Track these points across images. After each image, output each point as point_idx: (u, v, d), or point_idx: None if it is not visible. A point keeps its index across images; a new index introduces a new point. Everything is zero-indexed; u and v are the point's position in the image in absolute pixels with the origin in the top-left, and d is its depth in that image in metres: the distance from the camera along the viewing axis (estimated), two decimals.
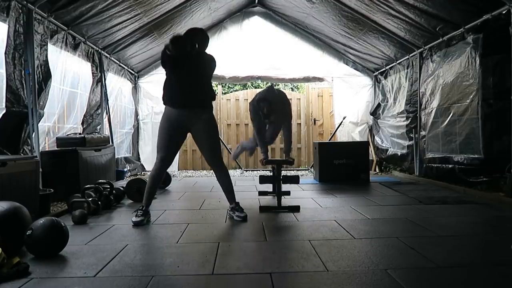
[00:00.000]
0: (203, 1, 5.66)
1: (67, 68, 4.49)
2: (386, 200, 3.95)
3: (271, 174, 3.99)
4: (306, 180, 5.70)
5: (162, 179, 3.33)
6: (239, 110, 8.09)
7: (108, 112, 5.62)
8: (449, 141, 4.87)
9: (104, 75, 5.51)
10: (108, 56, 5.59)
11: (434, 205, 3.63)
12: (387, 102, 6.72)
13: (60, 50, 4.31)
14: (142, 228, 2.90)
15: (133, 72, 6.90)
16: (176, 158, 6.38)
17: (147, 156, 7.04)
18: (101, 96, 5.44)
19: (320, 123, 8.20)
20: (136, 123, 7.09)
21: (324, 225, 2.90)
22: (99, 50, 5.29)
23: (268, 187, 4.32)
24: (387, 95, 6.74)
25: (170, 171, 5.67)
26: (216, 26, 6.98)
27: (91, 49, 5.05)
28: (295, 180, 3.71)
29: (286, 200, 3.87)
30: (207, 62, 3.16)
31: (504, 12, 3.81)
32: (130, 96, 6.91)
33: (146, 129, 7.16)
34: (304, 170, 7.52)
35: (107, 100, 5.61)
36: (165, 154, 3.11)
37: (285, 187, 3.84)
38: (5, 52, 3.29)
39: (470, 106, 4.40)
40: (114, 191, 3.83)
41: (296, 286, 1.76)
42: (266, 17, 7.11)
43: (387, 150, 6.73)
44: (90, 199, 3.40)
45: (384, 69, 6.80)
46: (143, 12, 4.93)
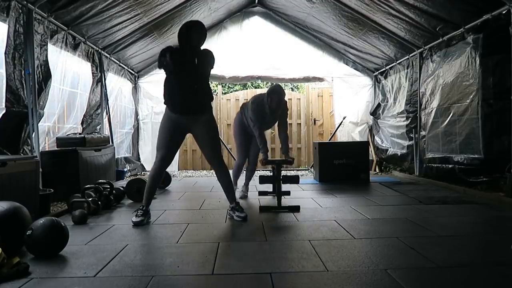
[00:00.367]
0: (203, 1, 5.66)
1: (67, 68, 4.49)
2: (386, 200, 3.95)
3: (271, 174, 3.99)
4: (306, 180, 5.70)
5: (162, 178, 3.33)
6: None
7: (108, 112, 5.62)
8: (449, 141, 4.87)
9: (104, 75, 5.51)
10: (108, 56, 5.59)
11: (434, 205, 3.63)
12: (387, 102, 6.72)
13: (60, 50, 4.31)
14: (142, 228, 2.90)
15: (133, 72, 6.90)
16: (176, 158, 6.40)
17: (147, 156, 7.05)
18: (101, 96, 5.44)
19: (320, 123, 8.20)
20: (136, 123, 7.09)
21: (324, 225, 2.90)
22: (99, 50, 5.29)
23: (268, 187, 4.33)
24: (387, 95, 6.74)
25: (170, 171, 5.68)
26: (216, 26, 6.97)
27: (91, 49, 5.05)
28: (295, 180, 3.71)
29: (286, 200, 3.88)
30: (205, 59, 3.08)
31: (504, 12, 3.81)
32: (130, 96, 6.91)
33: (146, 129, 7.17)
34: (304, 170, 7.53)
35: (107, 100, 5.61)
36: (165, 153, 3.10)
37: (285, 187, 3.84)
38: (5, 52, 3.29)
39: (470, 106, 4.40)
40: (114, 191, 3.83)
41: (296, 286, 1.76)
42: (266, 17, 7.11)
43: (387, 150, 6.73)
44: (90, 199, 3.40)
45: (384, 69, 6.80)
46: (143, 12, 4.93)
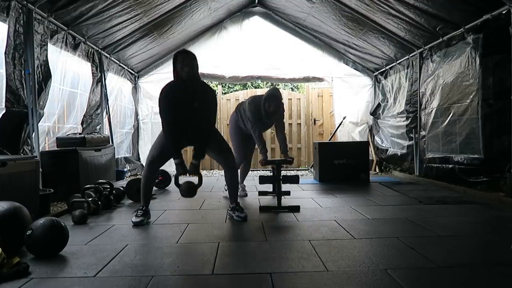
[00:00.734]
0: (203, 1, 5.66)
1: (67, 68, 4.49)
2: (386, 200, 3.95)
3: (271, 174, 3.99)
4: (306, 180, 5.70)
5: (155, 178, 3.39)
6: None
7: (108, 112, 5.62)
8: (449, 141, 4.87)
9: (104, 75, 5.51)
10: (108, 56, 5.59)
11: (434, 205, 3.63)
12: (387, 102, 6.72)
13: (60, 50, 4.31)
14: (142, 228, 2.90)
15: (133, 72, 6.90)
16: None
17: (147, 156, 7.03)
18: (101, 96, 5.44)
19: (320, 123, 8.20)
20: (136, 123, 7.09)
21: (324, 225, 2.90)
22: (99, 50, 5.29)
23: (268, 187, 4.33)
24: (387, 95, 6.74)
25: (170, 171, 5.67)
26: (216, 26, 6.98)
27: (91, 49, 5.05)
28: (295, 180, 3.71)
29: (286, 200, 3.88)
30: (207, 97, 3.04)
31: (504, 12, 3.81)
32: (130, 96, 6.91)
33: (146, 129, 7.16)
34: (304, 170, 7.52)
35: (107, 100, 5.61)
36: (158, 161, 3.21)
37: (285, 187, 3.84)
38: (5, 52, 3.29)
39: (470, 106, 4.40)
40: (114, 191, 3.83)
41: (296, 286, 1.76)
42: (266, 17, 7.11)
43: (387, 150, 6.73)
44: (90, 199, 3.40)
45: (384, 69, 6.80)
46: (143, 12, 4.93)
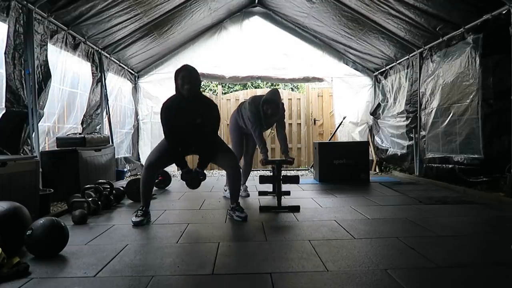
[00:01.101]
0: (203, 1, 5.66)
1: (67, 68, 4.49)
2: (386, 200, 3.95)
3: (271, 174, 3.99)
4: (306, 180, 5.70)
5: (153, 180, 3.38)
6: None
7: (108, 112, 5.62)
8: (449, 141, 4.87)
9: (104, 75, 5.51)
10: (108, 56, 5.59)
11: (434, 205, 3.63)
12: (387, 102, 6.72)
13: (60, 50, 4.31)
14: (142, 228, 2.90)
15: (133, 72, 6.90)
16: None
17: (147, 156, 7.03)
18: (101, 96, 5.44)
19: (320, 123, 8.20)
20: (136, 123, 7.08)
21: (324, 225, 2.90)
22: (99, 50, 5.29)
23: (268, 187, 4.33)
24: (387, 95, 6.74)
25: (170, 171, 5.68)
26: (216, 26, 6.98)
27: (91, 49, 5.05)
28: (295, 180, 3.71)
29: (286, 200, 3.88)
30: (209, 113, 3.09)
31: (504, 12, 3.81)
32: (130, 96, 6.90)
33: (145, 129, 7.15)
34: (304, 170, 7.52)
35: (107, 100, 5.61)
36: (155, 165, 3.20)
37: (285, 187, 3.85)
38: (5, 52, 3.29)
39: (470, 106, 4.40)
40: (114, 191, 3.83)
41: (296, 286, 1.76)
42: (266, 17, 7.11)
43: (387, 150, 6.73)
44: (90, 199, 3.40)
45: (384, 69, 6.80)
46: (143, 12, 4.93)
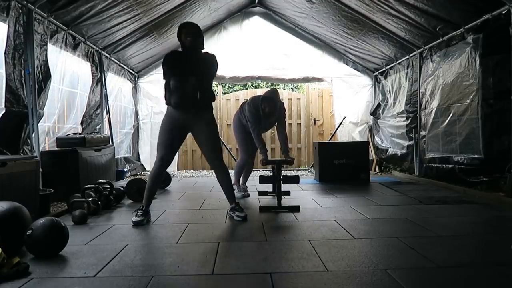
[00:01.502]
0: (203, 1, 5.66)
1: (67, 68, 4.49)
2: (386, 200, 3.95)
3: (271, 174, 3.99)
4: (306, 180, 5.70)
5: (162, 178, 3.33)
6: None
7: (108, 112, 5.62)
8: (449, 141, 4.87)
9: (104, 75, 5.51)
10: (108, 56, 5.59)
11: (434, 205, 3.63)
12: (387, 102, 6.72)
13: (60, 50, 4.31)
14: (142, 228, 2.90)
15: (133, 72, 6.90)
16: (176, 158, 6.40)
17: (147, 156, 7.05)
18: (101, 96, 5.44)
19: (320, 123, 8.20)
20: (136, 123, 7.09)
21: (324, 225, 2.90)
22: (99, 50, 5.29)
23: (268, 187, 4.33)
24: (387, 95, 6.74)
25: (170, 171, 5.68)
26: (216, 26, 6.99)
27: (91, 49, 5.05)
28: (295, 180, 3.71)
29: (286, 200, 3.88)
30: (208, 62, 3.10)
31: (504, 12, 3.81)
32: (130, 96, 6.91)
33: (145, 129, 7.17)
34: (304, 170, 7.52)
35: (107, 100, 5.61)
36: (165, 153, 3.10)
37: (285, 187, 3.84)
38: (5, 52, 3.29)
39: (470, 106, 4.40)
40: (114, 191, 3.83)
41: (296, 286, 1.76)
42: (266, 17, 7.11)
43: (387, 150, 6.73)
44: (90, 199, 3.40)
45: (384, 69, 6.80)
46: (143, 12, 4.93)
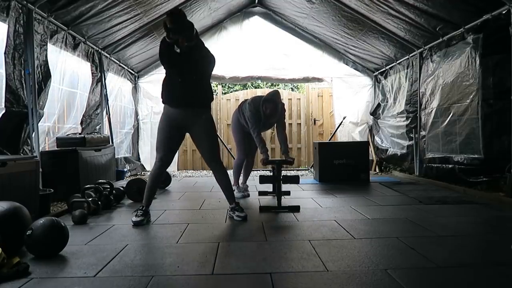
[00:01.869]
0: (203, 1, 5.67)
1: (66, 68, 4.49)
2: (386, 200, 3.95)
3: (271, 174, 3.99)
4: (306, 180, 5.70)
5: (162, 178, 3.32)
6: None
7: (108, 112, 5.62)
8: (449, 141, 4.87)
9: (104, 75, 5.51)
10: (108, 56, 5.59)
11: (434, 205, 3.63)
12: (387, 102, 6.72)
13: (60, 50, 4.31)
14: (142, 228, 2.90)
15: (133, 72, 6.90)
16: (176, 158, 6.41)
17: (147, 156, 7.06)
18: (101, 96, 5.44)
19: (320, 123, 8.20)
20: (136, 123, 7.10)
21: (324, 225, 2.90)
22: (99, 50, 5.29)
23: (268, 187, 4.33)
24: (387, 95, 6.74)
25: (170, 171, 5.68)
26: (216, 26, 6.99)
27: (91, 49, 5.05)
28: (295, 180, 3.71)
29: (286, 200, 3.88)
30: (206, 58, 3.07)
31: (504, 12, 3.81)
32: (130, 96, 6.91)
33: (145, 129, 7.18)
34: (304, 170, 7.52)
35: (107, 100, 5.61)
36: (164, 153, 3.09)
37: (285, 187, 3.84)
38: (4, 52, 3.29)
39: (470, 106, 4.40)
40: (114, 191, 3.83)
41: (296, 286, 1.76)
42: (266, 17, 7.11)
43: (387, 150, 6.73)
44: (90, 199, 3.40)
45: (384, 69, 6.80)
46: (143, 12, 4.93)
